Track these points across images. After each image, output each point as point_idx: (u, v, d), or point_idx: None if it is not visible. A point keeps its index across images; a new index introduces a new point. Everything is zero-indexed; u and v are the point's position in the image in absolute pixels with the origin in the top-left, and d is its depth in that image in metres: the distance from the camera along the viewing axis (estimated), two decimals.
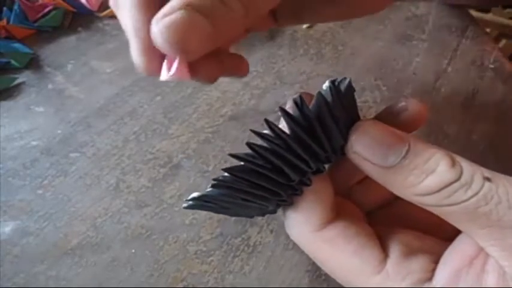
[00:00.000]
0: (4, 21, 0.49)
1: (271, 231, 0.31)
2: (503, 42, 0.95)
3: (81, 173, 0.35)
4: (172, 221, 0.32)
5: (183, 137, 0.38)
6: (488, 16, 0.93)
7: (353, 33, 0.53)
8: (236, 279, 0.29)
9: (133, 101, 0.42)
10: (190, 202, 0.23)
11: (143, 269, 0.29)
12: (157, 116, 0.41)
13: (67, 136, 0.38)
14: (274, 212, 0.24)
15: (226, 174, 0.20)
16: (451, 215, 0.19)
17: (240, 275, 0.29)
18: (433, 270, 0.20)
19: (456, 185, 0.18)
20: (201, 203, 0.22)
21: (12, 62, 0.46)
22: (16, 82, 0.44)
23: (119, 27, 0.52)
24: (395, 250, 0.20)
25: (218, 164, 0.36)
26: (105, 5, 0.56)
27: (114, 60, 0.47)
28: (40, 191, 0.34)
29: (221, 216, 0.32)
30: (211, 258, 0.30)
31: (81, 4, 0.54)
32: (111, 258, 0.30)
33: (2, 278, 0.28)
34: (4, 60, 0.46)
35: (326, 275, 0.29)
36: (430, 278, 0.19)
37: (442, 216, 0.19)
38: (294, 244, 0.30)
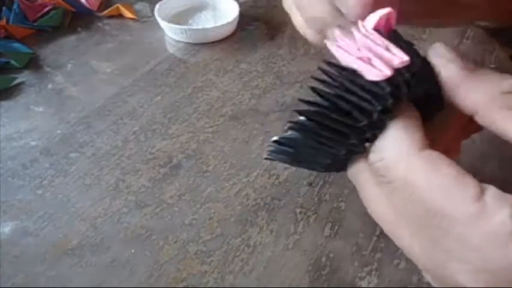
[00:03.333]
0: (4, 21, 0.49)
1: (271, 232, 0.31)
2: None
3: (80, 173, 0.35)
4: (172, 221, 0.32)
5: (183, 137, 0.38)
6: None
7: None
8: (236, 279, 0.29)
9: (133, 101, 0.42)
10: (271, 147, 0.24)
11: (143, 269, 0.29)
12: (157, 116, 0.40)
13: (67, 136, 0.38)
14: (342, 165, 0.25)
15: (301, 118, 0.22)
16: None
17: (240, 275, 0.29)
18: None
19: None
20: (282, 148, 0.24)
21: (12, 62, 0.46)
22: (16, 82, 0.44)
23: (118, 27, 0.52)
24: (490, 187, 0.19)
25: (218, 164, 0.36)
26: (105, 5, 0.56)
27: (114, 60, 0.47)
28: (39, 191, 0.34)
29: (221, 216, 0.32)
30: (211, 258, 0.30)
31: (81, 4, 0.54)
32: (111, 258, 0.30)
33: (2, 278, 0.28)
34: (4, 60, 0.46)
35: (326, 275, 0.29)
36: None
37: (504, 128, 0.20)
38: (294, 244, 0.30)
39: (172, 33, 0.50)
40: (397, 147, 0.21)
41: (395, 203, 0.21)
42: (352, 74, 0.21)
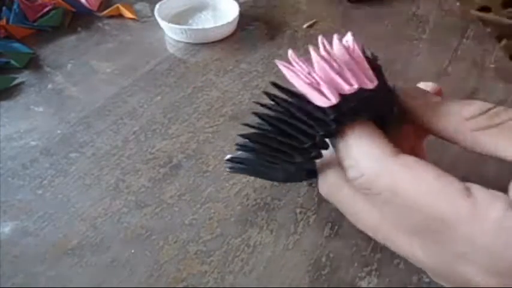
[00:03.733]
0: (4, 21, 0.49)
1: (271, 232, 0.31)
2: (504, 42, 0.94)
3: (80, 173, 0.35)
4: (172, 221, 0.32)
5: (183, 137, 0.38)
6: (489, 16, 0.93)
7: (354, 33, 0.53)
8: (236, 279, 0.29)
9: (133, 101, 0.42)
10: (229, 164, 0.26)
11: (143, 270, 0.29)
12: (157, 116, 0.40)
13: (67, 136, 0.38)
14: (300, 177, 0.26)
15: (246, 140, 0.23)
16: (492, 138, 0.20)
17: (240, 275, 0.29)
18: None
19: (496, 109, 0.21)
20: (236, 165, 0.25)
21: (12, 62, 0.46)
22: (16, 82, 0.44)
23: (118, 27, 0.52)
24: (472, 184, 0.19)
25: (218, 164, 0.36)
26: (105, 5, 0.56)
27: (114, 60, 0.47)
28: (39, 191, 0.34)
29: (221, 216, 0.32)
30: (211, 258, 0.30)
31: (81, 4, 0.54)
32: (111, 258, 0.30)
33: (2, 278, 0.28)
34: (4, 60, 0.46)
35: (326, 275, 0.29)
36: None
37: (481, 147, 0.21)
38: (294, 244, 0.30)
39: (172, 33, 0.50)
40: (370, 156, 0.21)
41: (388, 213, 0.21)
42: (299, 98, 0.21)
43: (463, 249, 0.18)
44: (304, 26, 0.53)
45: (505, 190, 0.19)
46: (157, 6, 0.51)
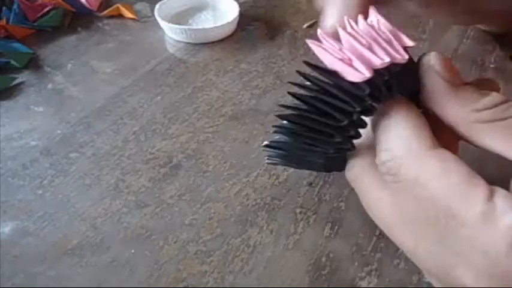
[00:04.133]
0: (4, 21, 0.49)
1: (271, 232, 0.31)
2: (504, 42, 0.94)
3: (80, 173, 0.35)
4: (172, 221, 0.32)
5: (183, 137, 0.38)
6: None
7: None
8: (236, 279, 0.29)
9: (133, 101, 0.42)
10: (268, 150, 0.26)
11: (143, 270, 0.29)
12: (157, 116, 0.40)
13: (67, 136, 0.38)
14: (339, 163, 0.25)
15: (284, 122, 0.23)
16: (503, 131, 0.20)
17: (240, 275, 0.29)
18: None
19: (510, 102, 0.21)
20: (275, 151, 0.25)
21: (12, 62, 0.46)
22: (16, 82, 0.44)
23: (118, 27, 0.52)
24: (499, 189, 0.19)
25: (218, 164, 0.36)
26: (105, 5, 0.56)
27: (114, 60, 0.47)
28: (40, 191, 0.34)
29: (221, 216, 0.32)
30: (211, 258, 0.30)
31: (81, 4, 0.54)
32: (111, 258, 0.30)
33: (1, 278, 0.28)
34: (4, 60, 0.46)
35: (326, 275, 0.29)
36: None
37: (490, 140, 0.20)
38: (294, 244, 0.30)
39: (172, 33, 0.50)
40: (407, 147, 0.21)
41: (401, 203, 0.21)
42: (333, 75, 0.21)
43: (464, 249, 0.18)
44: (304, 26, 0.53)
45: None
46: (157, 6, 0.51)
